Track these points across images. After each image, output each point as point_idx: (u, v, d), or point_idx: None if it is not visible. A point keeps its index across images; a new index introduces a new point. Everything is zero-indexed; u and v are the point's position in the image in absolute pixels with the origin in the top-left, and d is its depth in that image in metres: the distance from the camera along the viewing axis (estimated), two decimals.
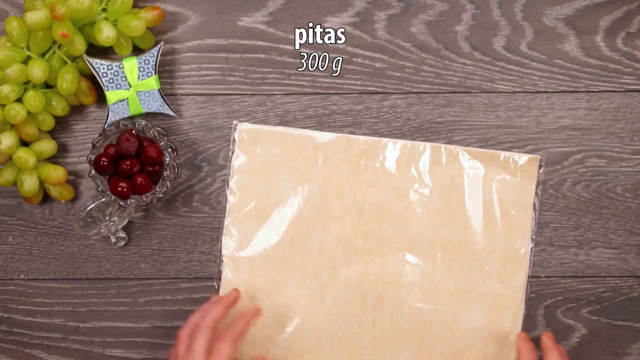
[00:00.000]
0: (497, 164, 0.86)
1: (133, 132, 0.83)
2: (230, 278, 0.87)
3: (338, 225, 0.87)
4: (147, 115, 0.87)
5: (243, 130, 0.87)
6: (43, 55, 0.82)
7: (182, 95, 0.88)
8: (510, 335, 0.86)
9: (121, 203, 0.83)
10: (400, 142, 0.87)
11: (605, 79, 0.87)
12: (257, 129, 0.87)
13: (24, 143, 0.85)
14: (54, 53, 0.83)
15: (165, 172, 0.83)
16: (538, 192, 0.87)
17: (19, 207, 0.89)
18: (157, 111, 0.85)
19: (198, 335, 0.79)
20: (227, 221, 0.87)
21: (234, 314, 0.85)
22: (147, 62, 0.84)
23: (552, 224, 0.88)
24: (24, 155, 0.82)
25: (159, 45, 0.84)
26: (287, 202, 0.87)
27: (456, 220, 0.86)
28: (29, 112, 0.81)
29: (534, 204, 0.86)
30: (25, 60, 0.81)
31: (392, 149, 0.87)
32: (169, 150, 0.83)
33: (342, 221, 0.87)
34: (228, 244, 0.87)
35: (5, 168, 0.85)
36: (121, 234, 0.87)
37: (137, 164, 0.82)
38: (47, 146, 0.85)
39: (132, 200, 0.83)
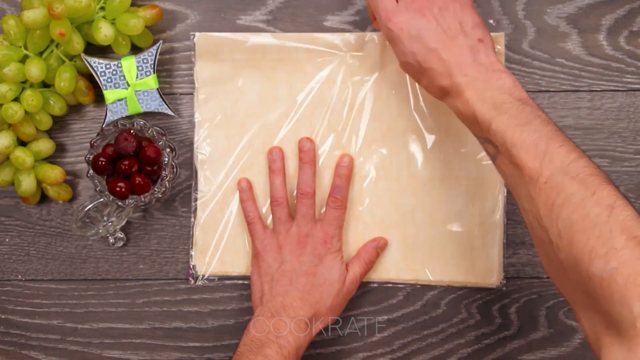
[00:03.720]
0: None
1: (131, 131, 0.82)
2: (204, 182, 0.87)
3: (308, 124, 0.86)
4: (145, 115, 0.87)
5: (202, 39, 0.86)
6: (41, 54, 0.82)
7: (180, 94, 0.88)
8: (494, 215, 0.85)
9: (119, 203, 0.83)
10: (367, 34, 0.85)
11: (607, 78, 0.87)
12: (217, 36, 0.86)
13: (22, 143, 0.84)
14: (51, 52, 0.82)
15: (164, 172, 0.83)
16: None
17: (17, 208, 0.88)
18: (156, 110, 0.85)
19: (281, 208, 0.82)
20: (198, 136, 0.86)
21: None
22: (145, 61, 0.84)
23: None
24: (22, 155, 0.82)
25: (157, 44, 0.84)
26: (255, 107, 0.86)
27: (429, 107, 0.85)
28: (26, 112, 0.81)
29: None
30: (23, 59, 0.81)
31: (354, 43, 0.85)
32: (168, 150, 0.83)
33: (312, 120, 0.86)
34: (201, 158, 0.86)
35: (3, 168, 0.84)
36: (119, 235, 0.87)
37: (135, 163, 0.82)
38: (45, 146, 0.85)
39: (130, 201, 0.83)
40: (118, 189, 0.81)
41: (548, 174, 0.63)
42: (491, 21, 0.86)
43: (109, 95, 0.84)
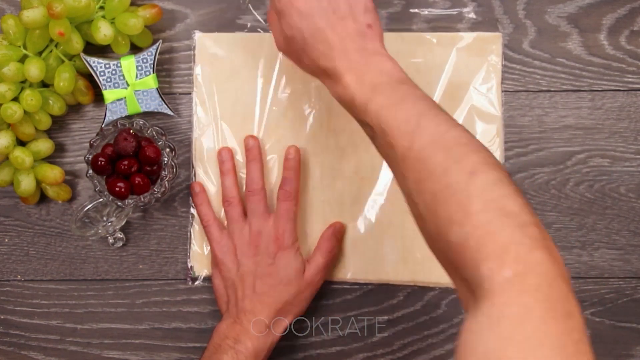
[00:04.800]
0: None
1: (131, 131, 0.82)
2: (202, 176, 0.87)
3: (307, 125, 0.86)
4: (145, 115, 0.86)
5: (203, 38, 0.86)
6: (40, 53, 0.82)
7: (180, 94, 0.87)
8: None
9: (119, 203, 0.82)
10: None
11: (608, 77, 0.87)
12: (217, 35, 0.86)
13: (21, 143, 0.84)
14: (51, 52, 0.82)
15: (163, 172, 0.83)
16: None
17: (16, 208, 0.88)
18: (155, 110, 0.84)
19: (233, 207, 0.83)
20: (196, 134, 0.86)
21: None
22: (145, 60, 0.83)
23: (554, 224, 0.87)
24: (21, 155, 0.82)
25: (157, 44, 0.84)
26: (253, 108, 0.86)
27: None
28: (25, 112, 0.81)
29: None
30: (22, 59, 0.80)
31: None
32: (167, 150, 0.83)
33: (310, 121, 0.86)
34: (199, 157, 0.86)
35: (2, 168, 0.84)
36: (119, 235, 0.87)
37: (135, 163, 0.82)
38: (44, 146, 0.85)
39: (130, 201, 0.82)
40: (117, 189, 0.81)
41: (417, 149, 0.60)
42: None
43: (109, 95, 0.84)
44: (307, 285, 0.82)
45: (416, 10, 0.86)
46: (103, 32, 0.80)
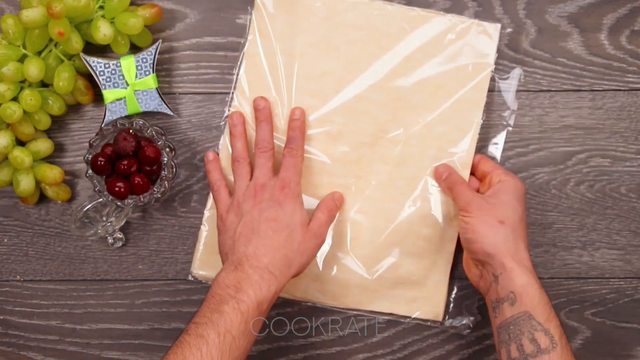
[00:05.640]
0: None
1: (130, 131, 0.82)
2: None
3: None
4: (144, 115, 0.86)
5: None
6: (39, 53, 0.82)
7: (180, 94, 0.87)
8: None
9: (118, 203, 0.82)
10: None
11: (609, 77, 0.86)
12: None
13: (20, 142, 0.84)
14: (50, 51, 0.82)
15: (163, 172, 0.83)
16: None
17: (15, 208, 0.88)
18: (155, 110, 0.84)
19: (242, 165, 0.83)
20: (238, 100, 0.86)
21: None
22: (144, 60, 0.83)
23: (555, 224, 0.87)
24: (20, 155, 0.82)
25: (156, 44, 0.84)
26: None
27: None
28: (25, 111, 0.81)
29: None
30: (21, 59, 0.80)
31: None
32: (167, 149, 0.83)
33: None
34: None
35: (1, 168, 0.84)
36: (118, 235, 0.86)
37: (134, 163, 0.82)
38: (44, 146, 0.84)
39: (129, 201, 0.82)
40: (117, 189, 0.81)
41: None
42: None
43: (108, 94, 0.83)
44: (312, 236, 0.80)
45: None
46: (103, 31, 0.80)
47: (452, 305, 0.87)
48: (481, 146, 0.86)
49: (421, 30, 0.85)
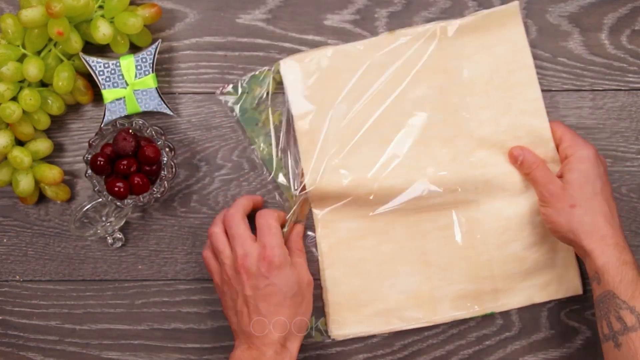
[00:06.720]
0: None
1: (130, 131, 0.82)
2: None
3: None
4: (144, 114, 0.86)
5: (288, 65, 0.85)
6: (39, 53, 0.81)
7: (180, 93, 0.87)
8: None
9: (118, 203, 0.82)
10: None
11: (609, 77, 0.86)
12: (302, 56, 0.86)
13: (19, 142, 0.84)
14: (49, 51, 0.82)
15: (162, 172, 0.82)
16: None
17: (15, 208, 0.88)
18: (155, 110, 0.84)
19: (235, 221, 0.80)
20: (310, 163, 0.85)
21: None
22: (144, 60, 0.83)
23: None
24: (19, 155, 0.81)
25: (156, 43, 0.83)
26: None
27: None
28: (24, 111, 0.81)
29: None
30: (21, 59, 0.80)
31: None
32: (167, 149, 0.82)
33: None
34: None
35: (1, 168, 0.84)
36: (118, 235, 0.86)
37: (134, 163, 0.82)
38: (43, 145, 0.84)
39: (129, 201, 0.82)
40: (117, 189, 0.81)
41: None
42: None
43: (108, 94, 0.83)
44: (308, 285, 0.81)
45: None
46: (102, 31, 0.80)
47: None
48: None
49: (445, 39, 0.85)
